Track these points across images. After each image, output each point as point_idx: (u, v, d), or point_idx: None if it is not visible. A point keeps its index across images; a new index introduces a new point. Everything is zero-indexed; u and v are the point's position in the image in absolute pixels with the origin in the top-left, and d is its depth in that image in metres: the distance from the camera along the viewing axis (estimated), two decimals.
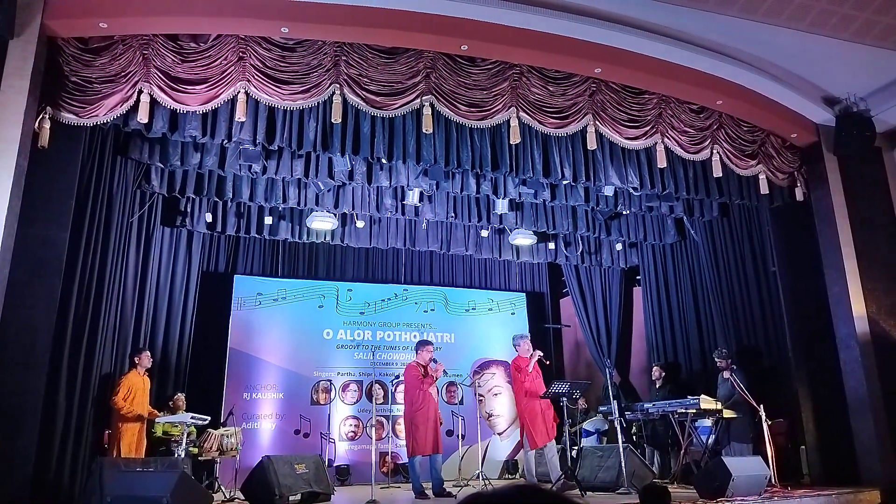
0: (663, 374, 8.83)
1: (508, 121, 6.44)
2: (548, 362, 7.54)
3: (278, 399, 9.26)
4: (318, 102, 6.03)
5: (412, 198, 8.09)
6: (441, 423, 7.25)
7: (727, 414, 7.24)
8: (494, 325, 10.71)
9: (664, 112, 6.93)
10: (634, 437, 8.54)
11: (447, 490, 6.87)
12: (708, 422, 7.46)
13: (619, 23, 6.28)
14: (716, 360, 7.87)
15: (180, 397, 7.63)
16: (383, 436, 9.46)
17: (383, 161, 6.78)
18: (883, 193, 7.44)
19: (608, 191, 7.83)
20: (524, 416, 7.18)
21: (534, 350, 7.33)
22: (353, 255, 10.32)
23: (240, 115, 5.83)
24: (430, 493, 6.82)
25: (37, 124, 5.45)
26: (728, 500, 5.64)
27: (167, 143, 6.75)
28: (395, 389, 9.71)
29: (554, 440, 7.12)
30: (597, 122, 6.68)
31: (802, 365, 7.45)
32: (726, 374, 7.70)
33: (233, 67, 5.86)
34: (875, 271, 7.15)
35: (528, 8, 6.00)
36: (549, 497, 1.22)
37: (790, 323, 7.61)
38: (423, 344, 7.32)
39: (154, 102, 5.76)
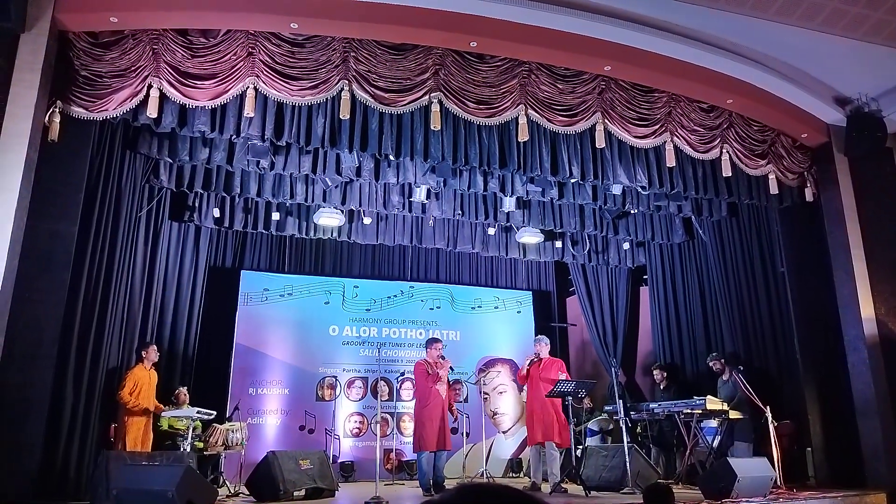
0: (665, 374, 8.80)
1: (517, 118, 6.43)
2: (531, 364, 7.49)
3: (284, 395, 9.28)
4: (327, 98, 6.04)
5: (419, 195, 8.08)
6: (455, 419, 7.31)
7: (733, 415, 7.22)
8: (500, 323, 10.70)
9: (674, 111, 6.90)
10: (640, 437, 8.52)
11: (447, 487, 6.89)
12: (713, 422, 7.44)
13: (629, 20, 6.25)
14: (709, 364, 7.85)
15: (183, 391, 7.63)
16: (388, 432, 9.46)
17: (391, 158, 6.77)
18: (893, 195, 7.38)
19: (616, 189, 7.80)
20: None
21: (541, 356, 7.36)
22: (359, 252, 10.32)
23: (248, 110, 5.85)
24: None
25: (47, 118, 5.48)
26: (733, 502, 5.62)
27: (176, 137, 6.76)
28: (401, 386, 9.72)
29: (556, 441, 7.07)
30: (606, 121, 6.66)
31: (809, 366, 7.41)
32: (725, 377, 7.67)
33: (242, 63, 5.87)
34: (884, 273, 7.11)
35: (538, 5, 5.98)
36: (494, 494, 1.22)
37: (798, 324, 7.57)
38: (431, 341, 7.37)
39: (163, 97, 5.78)
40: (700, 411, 7.15)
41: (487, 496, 1.22)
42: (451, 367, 7.23)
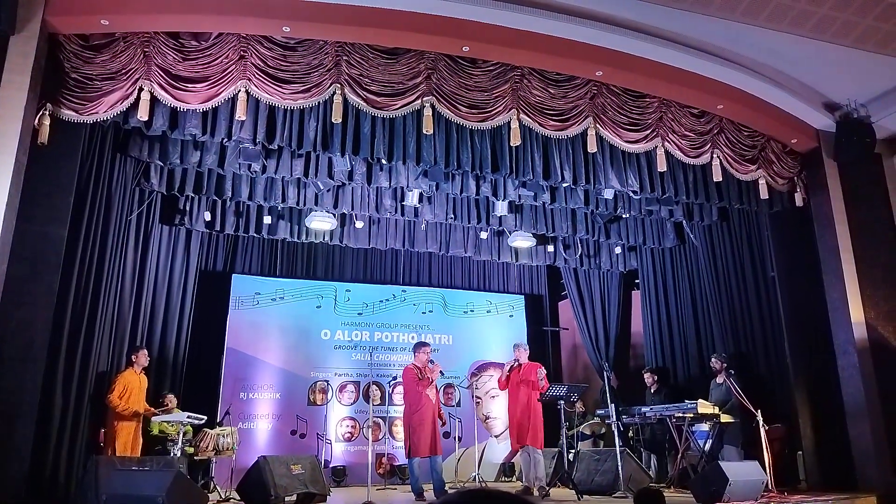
0: (656, 378, 8.82)
1: (509, 123, 6.44)
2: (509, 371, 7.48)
3: (275, 399, 9.24)
4: (319, 102, 6.03)
5: (412, 199, 8.08)
6: (444, 424, 7.25)
7: (724, 419, 7.24)
8: (493, 327, 10.70)
9: (665, 116, 6.94)
10: (631, 441, 8.53)
11: (448, 491, 6.86)
12: (705, 426, 7.46)
13: (621, 26, 6.28)
14: (713, 360, 7.86)
15: (170, 397, 7.55)
16: (380, 437, 9.44)
17: (383, 161, 6.77)
18: (882, 199, 7.44)
19: (608, 194, 7.82)
20: None
21: (520, 361, 7.36)
22: (351, 256, 10.30)
23: (240, 113, 5.83)
24: (430, 494, 6.81)
25: (37, 121, 5.44)
26: None
27: (167, 141, 6.74)
28: (392, 391, 9.69)
29: (530, 445, 7.04)
30: (597, 125, 6.69)
31: (800, 370, 7.45)
32: (719, 380, 7.69)
33: (234, 66, 5.85)
34: (874, 277, 7.15)
35: (530, 10, 6.00)
36: (495, 499, 1.23)
37: (788, 328, 7.61)
38: (419, 345, 7.32)
39: (154, 100, 5.76)
40: (692, 415, 7.17)
41: (489, 501, 1.23)
42: (441, 372, 7.19)
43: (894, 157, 7.60)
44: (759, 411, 6.67)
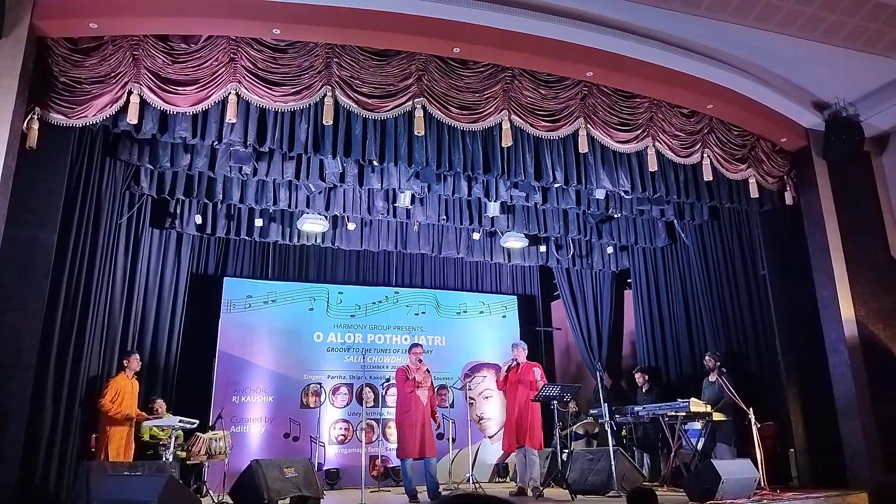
0: (647, 378, 8.84)
1: (500, 123, 6.44)
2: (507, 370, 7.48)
3: (268, 402, 9.21)
4: (310, 104, 6.02)
5: (403, 200, 8.07)
6: (438, 426, 7.22)
7: (717, 417, 7.27)
8: (486, 327, 10.71)
9: (655, 116, 6.96)
10: (625, 441, 8.54)
11: (442, 493, 6.86)
12: (697, 425, 7.49)
13: (612, 27, 6.30)
14: (707, 358, 7.88)
15: (158, 402, 7.49)
16: (373, 439, 9.42)
17: (375, 163, 6.76)
18: (871, 198, 7.48)
19: (599, 194, 7.84)
20: None
21: (518, 361, 7.36)
22: (343, 258, 10.29)
23: (230, 116, 5.81)
24: (424, 496, 6.81)
25: (25, 125, 5.41)
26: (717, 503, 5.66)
27: (157, 144, 6.70)
28: (386, 392, 9.67)
29: (527, 446, 7.04)
30: (588, 126, 6.70)
31: (791, 368, 7.48)
32: (712, 378, 7.72)
33: (224, 68, 5.83)
34: (864, 275, 7.20)
35: (521, 11, 6.01)
36: (484, 503, 1.24)
37: (779, 326, 7.65)
38: (411, 347, 7.37)
39: (144, 103, 5.73)
40: (684, 413, 7.19)
41: None
42: (427, 370, 7.16)
43: (883, 155, 7.66)
44: (751, 409, 6.70)
